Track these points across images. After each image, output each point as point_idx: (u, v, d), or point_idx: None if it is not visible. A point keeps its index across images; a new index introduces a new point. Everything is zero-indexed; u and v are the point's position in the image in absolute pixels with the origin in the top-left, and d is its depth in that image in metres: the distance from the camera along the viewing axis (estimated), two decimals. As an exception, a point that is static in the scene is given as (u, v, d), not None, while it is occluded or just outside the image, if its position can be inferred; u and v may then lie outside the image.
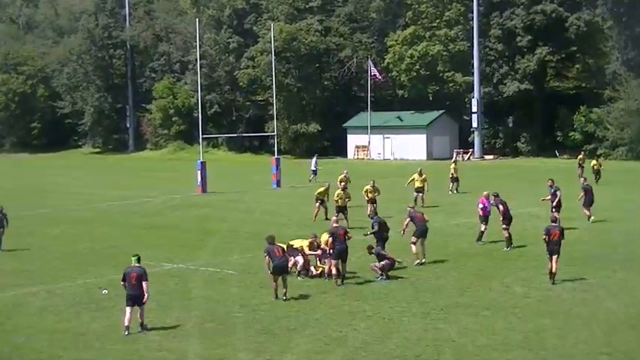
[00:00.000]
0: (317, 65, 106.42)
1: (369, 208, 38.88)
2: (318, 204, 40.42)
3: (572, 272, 26.47)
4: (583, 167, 58.67)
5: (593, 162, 58.24)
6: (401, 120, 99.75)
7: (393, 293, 24.12)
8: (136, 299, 20.87)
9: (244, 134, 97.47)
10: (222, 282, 26.52)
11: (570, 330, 19.95)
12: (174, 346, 19.54)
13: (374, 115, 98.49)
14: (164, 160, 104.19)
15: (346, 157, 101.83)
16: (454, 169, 52.82)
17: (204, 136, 66.71)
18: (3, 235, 33.20)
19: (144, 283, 20.87)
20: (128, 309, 20.82)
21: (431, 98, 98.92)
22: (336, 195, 38.59)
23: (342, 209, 37.74)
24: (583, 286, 24.75)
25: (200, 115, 63.34)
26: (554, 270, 25.09)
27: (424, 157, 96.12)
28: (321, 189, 41.26)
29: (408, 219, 29.39)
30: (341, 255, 25.71)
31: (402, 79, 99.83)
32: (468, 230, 35.87)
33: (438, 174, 55.23)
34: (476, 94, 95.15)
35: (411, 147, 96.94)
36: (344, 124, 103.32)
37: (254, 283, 26.08)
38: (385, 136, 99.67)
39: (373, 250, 26.68)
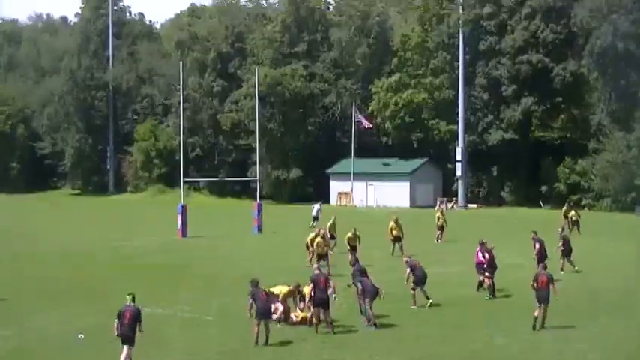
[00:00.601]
0: (301, 110, 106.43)
1: (349, 256, 38.40)
2: (310, 249, 39.63)
3: (553, 322, 26.08)
4: (567, 218, 58.48)
5: (572, 213, 58.21)
6: (387, 165, 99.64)
7: (374, 342, 23.69)
8: (129, 338, 20.77)
9: (226, 178, 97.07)
10: (199, 327, 26.02)
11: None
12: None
13: (357, 162, 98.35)
14: (144, 203, 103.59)
15: (329, 203, 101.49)
16: (439, 217, 52.50)
17: (186, 179, 66.27)
18: None
19: (138, 324, 20.83)
20: (125, 347, 20.75)
21: (415, 146, 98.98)
22: (315, 243, 38.06)
23: (322, 257, 37.26)
24: (562, 336, 24.35)
25: (182, 159, 62.87)
26: (537, 314, 25.08)
27: (407, 204, 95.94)
28: (312, 235, 40.73)
29: (409, 269, 29.28)
30: (321, 303, 25.22)
31: (386, 126, 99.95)
32: (449, 279, 35.54)
33: (421, 222, 54.99)
34: (460, 142, 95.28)
35: (395, 194, 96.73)
36: (327, 170, 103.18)
37: (232, 329, 25.58)
38: (368, 183, 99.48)
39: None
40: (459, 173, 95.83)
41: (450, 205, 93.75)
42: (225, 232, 60.16)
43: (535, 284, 25.43)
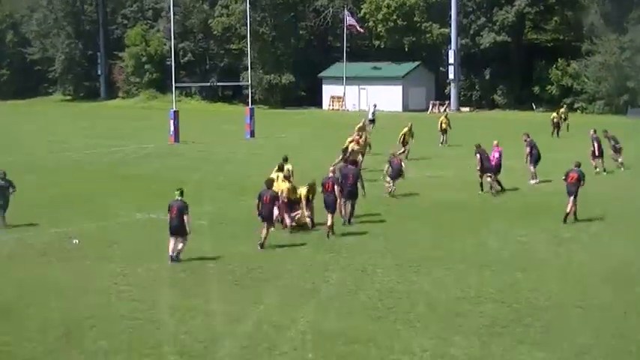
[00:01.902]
0: (292, 14, 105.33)
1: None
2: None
3: (546, 226, 26.42)
4: (562, 120, 58.58)
5: (554, 114, 58.58)
6: (378, 69, 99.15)
7: (367, 246, 23.92)
8: (176, 230, 22.17)
9: (218, 84, 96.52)
10: (194, 232, 26.12)
11: (543, 283, 19.82)
12: (146, 296, 19.25)
13: (349, 66, 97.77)
14: (136, 108, 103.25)
15: (321, 107, 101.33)
16: (442, 121, 52.37)
17: (177, 84, 65.88)
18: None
19: (185, 217, 22.04)
20: (171, 239, 22.24)
21: (407, 49, 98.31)
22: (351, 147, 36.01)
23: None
24: (557, 240, 24.64)
25: (173, 64, 62.34)
26: (567, 210, 26.79)
27: (400, 108, 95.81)
28: (405, 129, 43.08)
29: (387, 165, 31.27)
30: (326, 204, 25.52)
31: (378, 29, 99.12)
32: (444, 182, 35.78)
33: (415, 125, 54.83)
34: (453, 45, 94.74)
35: (387, 98, 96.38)
36: (319, 75, 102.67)
37: (226, 234, 25.81)
38: (361, 87, 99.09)
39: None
40: (451, 76, 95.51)
41: (442, 109, 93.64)
42: (217, 138, 60.17)
43: (565, 179, 27.36)
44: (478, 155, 32.56)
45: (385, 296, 18.88)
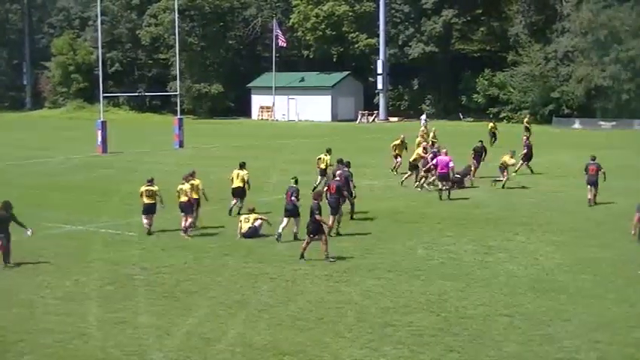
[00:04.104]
0: (221, 24, 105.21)
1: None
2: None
3: (473, 235, 26.70)
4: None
5: (490, 124, 59.54)
6: (307, 79, 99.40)
7: (296, 256, 23.89)
8: (291, 212, 25.75)
9: (146, 93, 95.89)
10: (122, 244, 25.96)
11: (471, 292, 20.02)
12: (73, 309, 18.98)
13: (278, 76, 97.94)
14: (63, 119, 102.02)
15: (250, 117, 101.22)
16: (424, 132, 52.49)
17: (105, 94, 65.33)
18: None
19: (293, 199, 25.67)
20: (285, 220, 25.87)
21: (336, 59, 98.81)
22: None
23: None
24: (484, 248, 24.91)
25: (101, 73, 61.80)
26: (589, 196, 32.36)
27: (329, 118, 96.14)
28: (396, 142, 43.28)
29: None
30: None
31: (307, 39, 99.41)
32: (372, 192, 35.95)
33: (344, 135, 55.22)
34: (381, 55, 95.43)
35: (316, 108, 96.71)
36: (248, 85, 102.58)
37: (155, 245, 25.60)
38: (290, 97, 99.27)
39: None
40: (380, 86, 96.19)
41: (371, 119, 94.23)
42: (146, 148, 59.73)
43: (586, 171, 32.68)
44: (435, 160, 34.60)
45: (315, 307, 18.89)
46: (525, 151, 42.28)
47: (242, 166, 30.66)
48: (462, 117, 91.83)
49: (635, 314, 18.10)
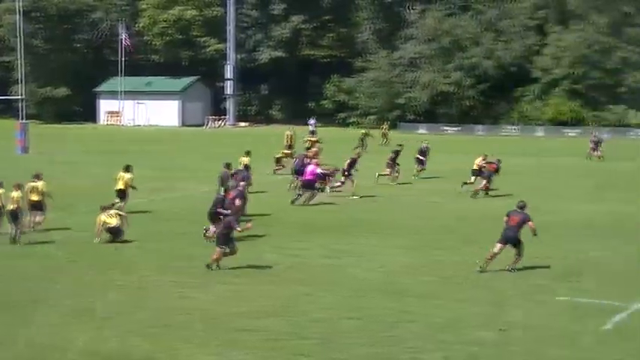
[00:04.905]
0: (68, 27, 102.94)
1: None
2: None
3: (322, 240, 26.96)
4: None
5: (362, 131, 61.73)
6: (155, 84, 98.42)
7: (145, 263, 23.62)
8: (509, 239, 22.43)
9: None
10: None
11: (320, 296, 20.20)
12: None
13: (126, 81, 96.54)
14: None
15: (97, 122, 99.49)
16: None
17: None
18: None
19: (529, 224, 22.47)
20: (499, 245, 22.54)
21: (185, 64, 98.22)
22: None
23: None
24: (333, 252, 25.19)
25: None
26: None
27: (177, 123, 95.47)
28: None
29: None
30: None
31: (155, 43, 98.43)
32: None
33: (192, 140, 54.90)
34: (230, 60, 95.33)
35: (165, 113, 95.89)
36: (95, 89, 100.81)
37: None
38: (138, 101, 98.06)
39: None
40: (229, 91, 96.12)
41: (219, 124, 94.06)
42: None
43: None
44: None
45: (164, 314, 18.69)
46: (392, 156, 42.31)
47: (127, 168, 31.02)
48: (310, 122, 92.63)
49: (478, 314, 18.65)
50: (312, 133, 64.26)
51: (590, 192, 39.73)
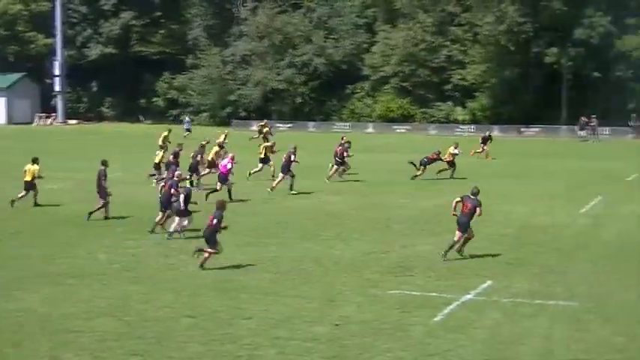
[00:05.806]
0: None
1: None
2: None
3: (158, 239, 26.75)
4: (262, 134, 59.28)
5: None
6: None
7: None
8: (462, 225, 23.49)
9: None
10: None
11: (155, 295, 20.06)
12: None
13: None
14: None
15: None
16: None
17: None
18: None
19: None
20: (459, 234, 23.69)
21: (12, 60, 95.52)
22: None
23: None
24: (168, 251, 25.06)
25: None
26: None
27: (4, 121, 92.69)
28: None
29: None
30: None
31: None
32: (65, 194, 35.04)
33: (19, 138, 53.46)
34: (59, 56, 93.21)
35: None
36: None
37: None
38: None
39: None
40: (57, 88, 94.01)
41: (48, 121, 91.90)
42: None
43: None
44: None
45: (-9, 317, 18.21)
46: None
47: (34, 161, 32.43)
48: (141, 119, 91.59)
49: (312, 309, 18.93)
50: (188, 130, 67.94)
51: (425, 187, 40.49)
